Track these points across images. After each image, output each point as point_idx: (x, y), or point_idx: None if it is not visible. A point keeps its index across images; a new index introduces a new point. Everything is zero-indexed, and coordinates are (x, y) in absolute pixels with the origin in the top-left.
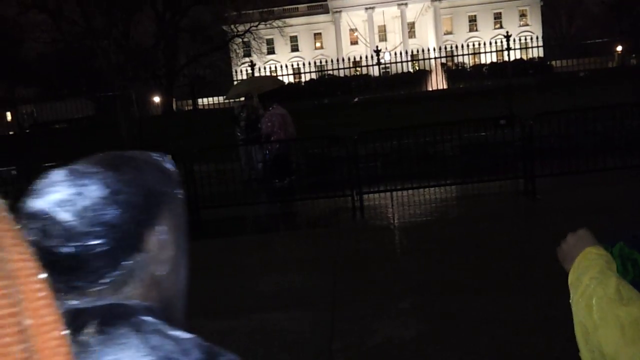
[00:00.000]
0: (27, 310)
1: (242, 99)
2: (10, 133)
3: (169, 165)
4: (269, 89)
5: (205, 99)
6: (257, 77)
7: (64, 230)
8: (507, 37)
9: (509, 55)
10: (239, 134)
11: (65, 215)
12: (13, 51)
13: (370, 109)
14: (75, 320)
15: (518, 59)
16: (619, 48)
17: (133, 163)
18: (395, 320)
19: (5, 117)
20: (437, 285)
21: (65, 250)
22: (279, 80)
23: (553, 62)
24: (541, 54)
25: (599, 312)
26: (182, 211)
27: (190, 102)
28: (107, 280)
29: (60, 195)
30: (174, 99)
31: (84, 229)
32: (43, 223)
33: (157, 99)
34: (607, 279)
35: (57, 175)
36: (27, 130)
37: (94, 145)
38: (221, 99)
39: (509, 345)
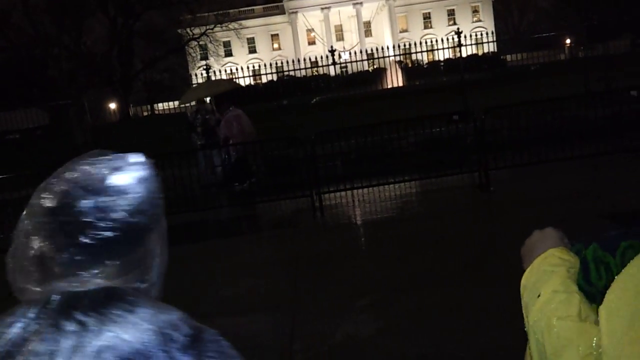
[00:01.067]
0: None
1: (194, 103)
2: None
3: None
4: (223, 90)
5: (162, 104)
6: (211, 81)
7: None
8: (458, 33)
9: (460, 51)
10: (196, 140)
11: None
12: None
13: (329, 108)
14: (74, 302)
15: (472, 55)
16: (568, 41)
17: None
18: (356, 318)
19: None
20: (397, 282)
21: (83, 239)
22: (234, 82)
23: (506, 57)
24: (494, 49)
25: (564, 333)
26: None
27: (147, 107)
28: (108, 268)
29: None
30: (130, 105)
31: (100, 222)
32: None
33: (112, 106)
34: (570, 295)
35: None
36: None
37: (48, 154)
38: (178, 103)
39: (469, 338)
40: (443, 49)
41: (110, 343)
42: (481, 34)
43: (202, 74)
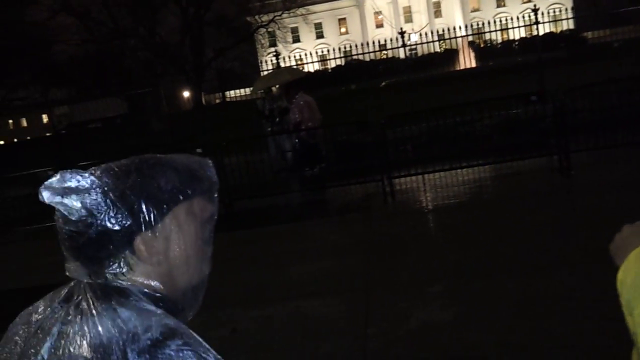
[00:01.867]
0: None
1: (261, 91)
2: (47, 135)
3: (200, 168)
4: (290, 80)
5: (233, 92)
6: (277, 70)
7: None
8: (535, 10)
9: (537, 29)
10: (266, 125)
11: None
12: (45, 55)
13: (398, 92)
14: (78, 293)
15: (548, 33)
16: None
17: (147, 169)
18: (431, 304)
19: (41, 119)
20: (472, 268)
21: (65, 235)
22: (299, 70)
23: (585, 34)
24: (573, 26)
25: None
26: (198, 211)
27: (219, 95)
28: (99, 269)
29: (69, 190)
30: (202, 93)
31: (75, 222)
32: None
33: (186, 94)
34: None
35: (66, 174)
36: (63, 131)
37: (127, 143)
38: (249, 90)
39: (546, 327)
40: (518, 27)
41: (87, 332)
42: (559, 11)
43: (271, 61)
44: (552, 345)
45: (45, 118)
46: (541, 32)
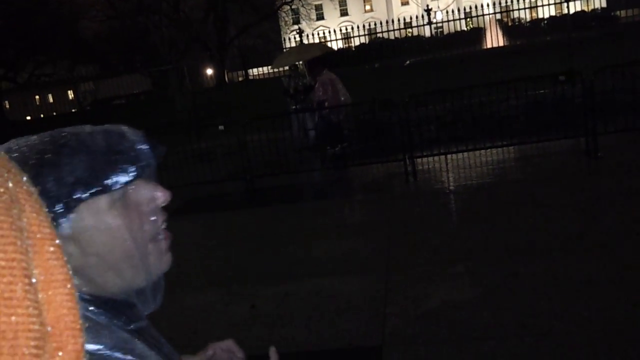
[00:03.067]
0: (37, 266)
1: (287, 68)
2: (72, 110)
3: (129, 147)
4: (315, 55)
5: (256, 69)
6: (302, 45)
7: None
8: None
9: (568, 7)
10: (290, 103)
11: None
12: (71, 31)
13: (422, 71)
14: None
15: (579, 11)
16: None
17: (51, 153)
18: (450, 284)
19: (67, 95)
20: (493, 249)
21: None
22: (325, 46)
23: (618, 13)
24: (604, 4)
25: None
26: (132, 202)
27: (242, 73)
28: None
29: None
30: (225, 71)
31: None
32: None
33: (209, 72)
34: None
35: None
36: (88, 107)
37: (151, 119)
38: (272, 68)
39: (570, 307)
40: (548, 5)
41: None
42: None
43: (294, 38)
44: (572, 329)
45: (70, 94)
46: (572, 11)
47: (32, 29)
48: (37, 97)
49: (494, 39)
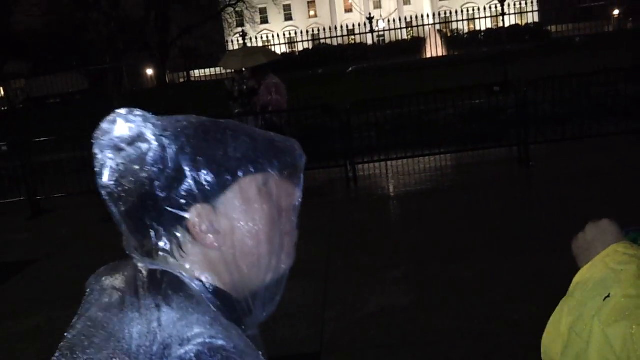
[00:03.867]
0: None
1: (231, 70)
2: (3, 109)
3: (284, 141)
4: (262, 62)
5: (198, 71)
6: (250, 48)
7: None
8: (502, 2)
9: (503, 20)
10: (233, 107)
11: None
12: (2, 25)
13: (365, 78)
14: (122, 274)
15: (514, 25)
16: (616, 12)
17: (214, 131)
18: (389, 288)
19: None
20: (430, 254)
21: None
22: (272, 52)
23: (550, 27)
24: (537, 19)
25: None
26: (275, 192)
27: (184, 74)
28: (163, 236)
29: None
30: (167, 72)
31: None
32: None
33: (150, 72)
34: None
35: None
36: (20, 106)
37: (86, 119)
38: (214, 70)
39: (503, 310)
40: (485, 17)
41: (121, 333)
42: (525, 3)
43: (238, 41)
44: (509, 331)
45: (0, 91)
46: (507, 24)
47: None
48: None
49: (434, 48)
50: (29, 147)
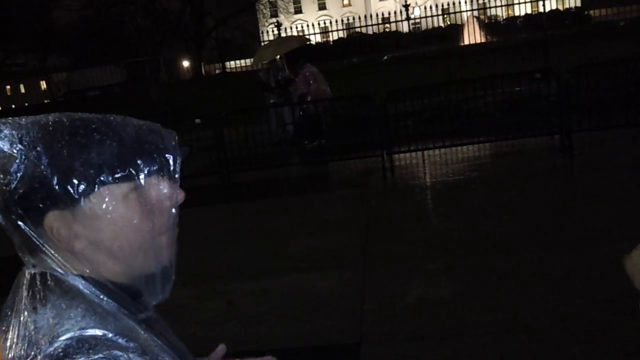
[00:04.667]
0: None
1: (265, 62)
2: (45, 102)
3: (157, 141)
4: (293, 47)
5: (233, 62)
6: (280, 38)
7: None
8: None
9: (544, 5)
10: (268, 97)
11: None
12: (44, 20)
13: (400, 66)
14: (17, 283)
15: (554, 10)
16: None
17: (82, 134)
18: (428, 280)
19: (39, 86)
20: (470, 245)
21: None
22: (303, 37)
23: (591, 12)
24: (578, 4)
25: None
26: (149, 194)
27: (219, 65)
28: (31, 237)
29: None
30: (202, 63)
31: None
32: None
33: (186, 64)
34: None
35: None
36: (61, 99)
37: (126, 111)
38: (249, 61)
39: (548, 303)
40: (524, 2)
41: (6, 340)
42: None
43: (272, 32)
44: (551, 324)
45: (43, 85)
46: (547, 9)
47: (3, 17)
48: (8, 87)
49: (471, 35)
50: None
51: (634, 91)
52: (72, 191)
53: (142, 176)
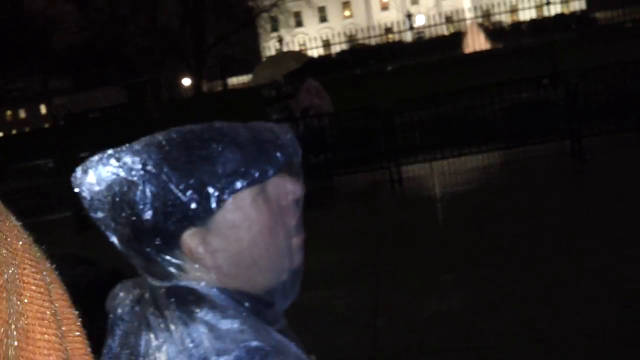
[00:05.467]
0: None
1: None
2: (46, 126)
3: (274, 139)
4: (292, 69)
5: (235, 78)
6: (276, 56)
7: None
8: None
9: (549, 9)
10: (270, 113)
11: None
12: (44, 44)
13: (405, 76)
14: (151, 299)
15: (559, 14)
16: None
17: (199, 147)
18: (441, 293)
19: (39, 110)
20: (483, 256)
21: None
22: (303, 55)
23: (597, 14)
24: (583, 6)
25: None
26: (273, 196)
27: (220, 82)
28: (164, 261)
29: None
30: (203, 81)
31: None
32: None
33: (187, 82)
34: None
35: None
36: (62, 122)
37: (127, 132)
38: (251, 77)
39: (562, 315)
40: (528, 8)
41: (155, 354)
42: None
43: (274, 47)
44: (568, 334)
45: (43, 109)
46: (551, 13)
47: (4, 42)
48: (8, 112)
49: (476, 43)
50: (75, 162)
51: None
52: (207, 205)
53: (269, 176)
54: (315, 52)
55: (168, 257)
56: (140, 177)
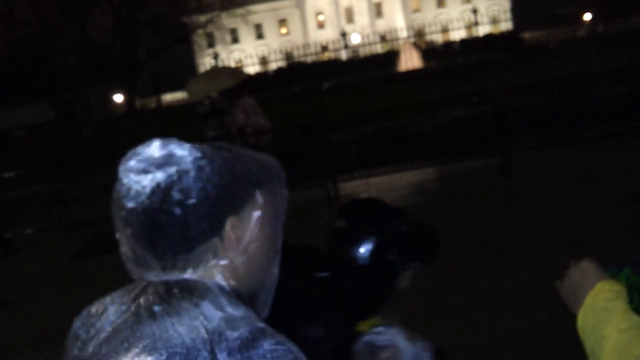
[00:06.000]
0: None
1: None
2: None
3: (266, 158)
4: (228, 86)
5: (170, 95)
6: (211, 71)
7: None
8: (474, 11)
9: (477, 30)
10: (205, 131)
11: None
12: None
13: (341, 94)
14: (153, 292)
15: (488, 34)
16: (589, 16)
17: (226, 153)
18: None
19: None
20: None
21: (142, 219)
22: (240, 72)
23: (524, 35)
24: (510, 27)
25: None
26: (277, 205)
27: (154, 99)
28: (182, 258)
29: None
30: (136, 97)
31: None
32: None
33: (119, 98)
34: (638, 329)
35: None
36: None
37: (54, 151)
38: (186, 94)
39: (487, 329)
40: (459, 28)
41: (165, 334)
42: (498, 11)
43: (210, 63)
44: (493, 344)
45: None
46: (481, 33)
47: None
48: None
49: (409, 61)
50: None
51: (568, 110)
52: (243, 195)
53: (274, 182)
54: (252, 69)
55: (200, 246)
56: (198, 162)
